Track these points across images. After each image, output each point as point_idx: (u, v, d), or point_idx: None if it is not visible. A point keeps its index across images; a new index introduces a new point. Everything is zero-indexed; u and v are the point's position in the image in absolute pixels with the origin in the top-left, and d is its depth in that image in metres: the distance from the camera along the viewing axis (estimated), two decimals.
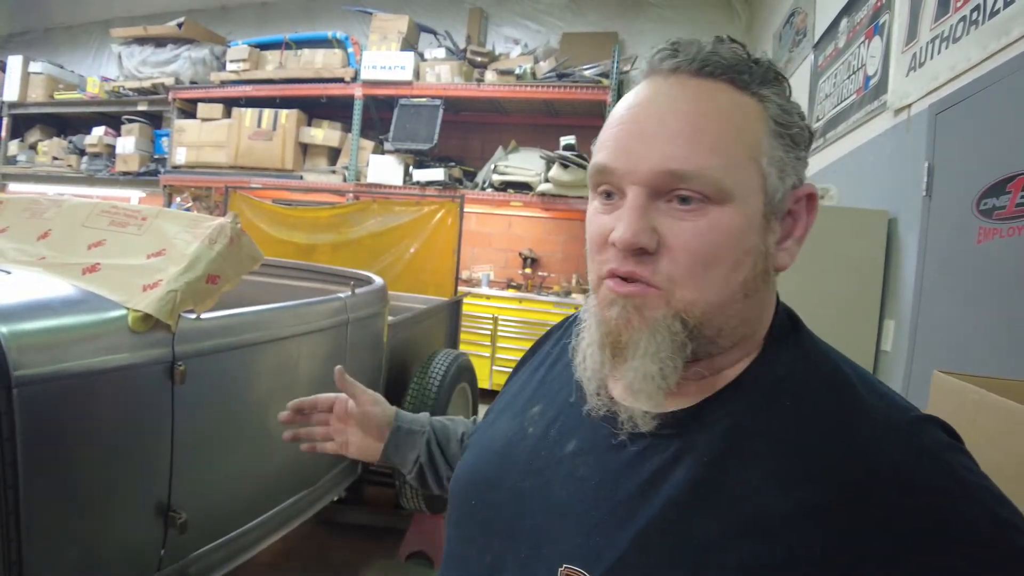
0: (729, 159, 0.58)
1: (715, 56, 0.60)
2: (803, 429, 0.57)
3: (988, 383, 0.92)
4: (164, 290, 1.55)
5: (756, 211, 0.60)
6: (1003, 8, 1.86)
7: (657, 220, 0.59)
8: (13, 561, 1.28)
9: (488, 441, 0.76)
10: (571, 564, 0.59)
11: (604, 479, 0.62)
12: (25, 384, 1.27)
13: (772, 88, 0.61)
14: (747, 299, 0.61)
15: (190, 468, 1.66)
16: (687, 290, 0.59)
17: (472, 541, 0.71)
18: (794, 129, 0.61)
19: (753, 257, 0.60)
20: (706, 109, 0.59)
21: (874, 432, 0.56)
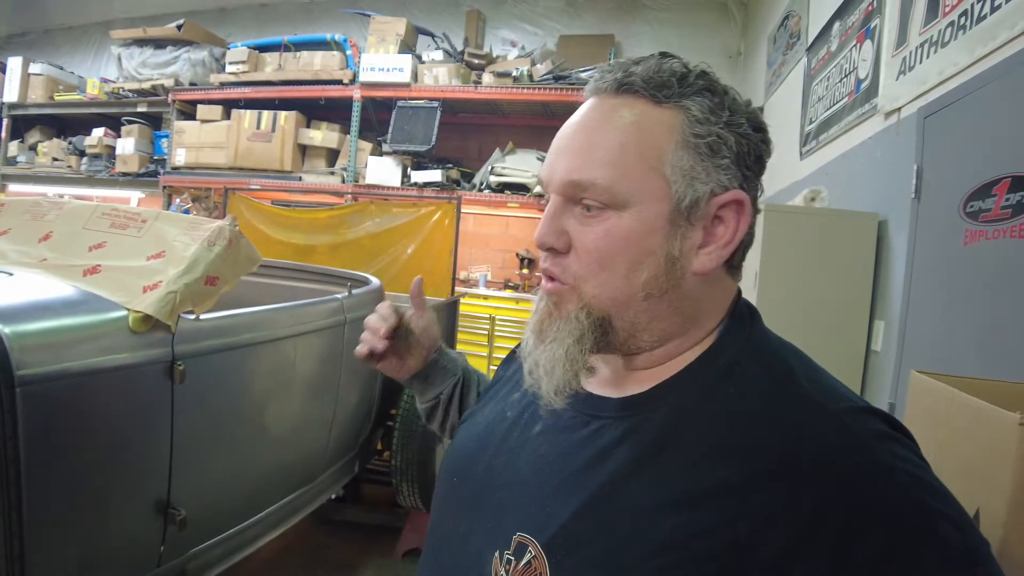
0: (624, 170, 0.64)
1: (631, 76, 0.66)
2: (740, 413, 0.61)
3: (962, 383, 0.95)
4: (164, 291, 1.58)
5: (658, 216, 0.64)
6: (990, 14, 1.88)
7: (569, 224, 0.67)
8: (16, 556, 1.30)
9: (473, 425, 0.83)
10: (523, 532, 0.65)
11: (559, 456, 0.68)
12: (28, 383, 1.30)
13: (696, 99, 0.65)
14: (652, 298, 0.66)
15: (189, 466, 1.69)
16: (589, 286, 0.66)
17: (451, 515, 0.77)
18: (710, 137, 0.64)
19: (656, 259, 0.65)
20: (608, 125, 0.66)
21: (804, 417, 0.59)
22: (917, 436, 0.62)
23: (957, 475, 0.89)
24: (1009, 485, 0.76)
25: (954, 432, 0.92)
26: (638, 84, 0.65)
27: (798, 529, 0.54)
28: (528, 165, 5.70)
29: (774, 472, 0.56)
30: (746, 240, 0.69)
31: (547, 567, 0.62)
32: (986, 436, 0.83)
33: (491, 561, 0.68)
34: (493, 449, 0.76)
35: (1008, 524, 0.76)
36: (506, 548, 0.66)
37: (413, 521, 2.99)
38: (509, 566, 0.65)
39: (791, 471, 0.56)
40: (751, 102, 0.70)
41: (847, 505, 0.54)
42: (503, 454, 0.74)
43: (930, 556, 0.53)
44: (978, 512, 0.81)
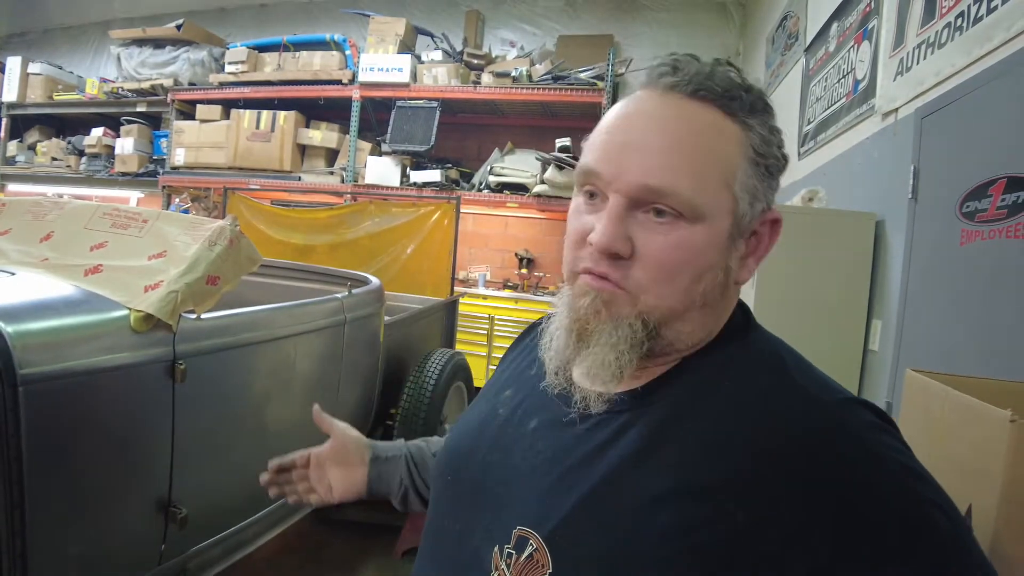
0: (704, 182, 0.63)
1: (709, 81, 0.64)
2: (735, 407, 0.63)
3: (955, 381, 0.96)
4: (165, 291, 1.59)
5: (723, 231, 0.65)
6: (986, 15, 1.90)
7: (633, 229, 0.64)
8: (18, 555, 1.31)
9: (464, 424, 0.84)
10: (523, 526, 0.66)
11: (557, 450, 0.69)
12: (30, 382, 1.30)
13: (758, 118, 0.66)
14: (704, 308, 0.67)
15: (190, 464, 1.70)
16: (651, 296, 0.65)
17: (447, 514, 0.78)
18: (771, 160, 0.66)
19: (714, 272, 0.65)
20: (691, 132, 0.64)
21: (798, 409, 0.61)
22: (912, 433, 0.64)
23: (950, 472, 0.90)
24: (1000, 481, 0.78)
25: (947, 429, 0.93)
26: (716, 93, 0.64)
27: (797, 519, 0.55)
28: (527, 165, 5.71)
29: (772, 463, 0.58)
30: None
31: (549, 559, 0.63)
32: (978, 433, 0.85)
33: (491, 556, 0.68)
34: (487, 446, 0.76)
35: (999, 519, 0.77)
36: (506, 542, 0.67)
37: (413, 520, 3.00)
38: (510, 560, 0.66)
39: (788, 462, 0.57)
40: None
41: (844, 494, 0.55)
42: (498, 451, 0.74)
43: (923, 542, 0.55)
44: (970, 508, 0.82)
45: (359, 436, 1.07)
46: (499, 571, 0.66)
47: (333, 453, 1.05)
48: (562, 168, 5.32)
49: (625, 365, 0.65)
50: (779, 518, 0.56)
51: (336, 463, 1.05)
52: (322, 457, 1.06)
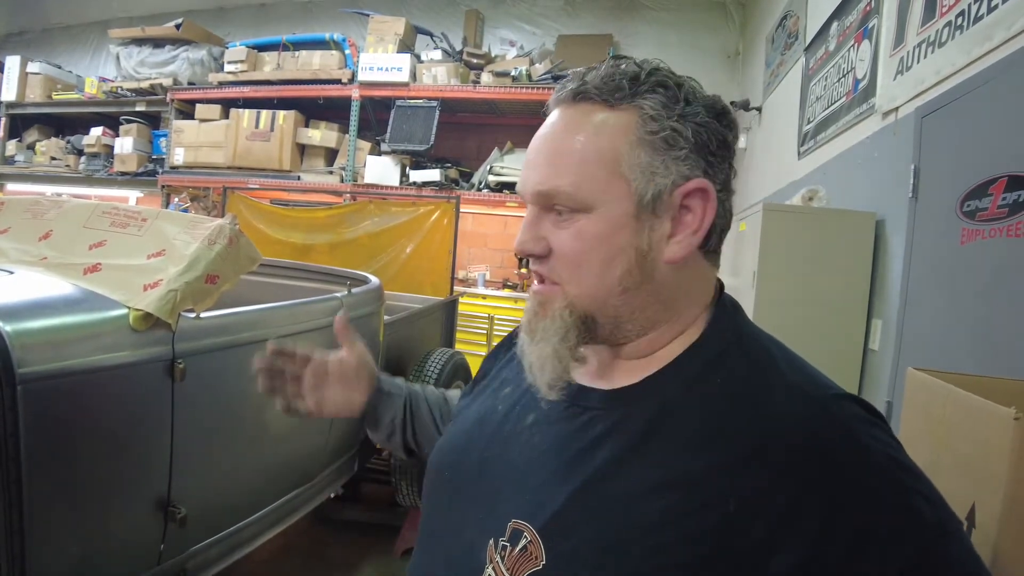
0: (585, 175, 0.67)
1: (585, 85, 0.69)
2: (726, 401, 0.64)
3: (957, 379, 0.96)
4: (164, 290, 1.58)
5: (623, 214, 0.67)
6: (986, 14, 1.89)
7: (546, 230, 0.71)
8: (17, 554, 1.31)
9: (463, 420, 0.86)
10: (518, 518, 0.67)
11: (553, 445, 0.71)
12: (29, 381, 1.30)
13: (649, 97, 0.67)
14: (629, 292, 0.69)
15: (189, 464, 1.69)
16: (572, 286, 0.70)
17: (444, 508, 0.79)
18: (665, 131, 0.67)
19: (625, 253, 0.68)
20: (568, 135, 0.69)
21: (789, 402, 0.63)
22: (913, 432, 0.63)
23: (953, 470, 0.90)
24: (1004, 480, 0.77)
25: (950, 428, 0.93)
26: (592, 91, 0.69)
27: (787, 506, 0.57)
28: None
29: (762, 454, 0.59)
30: (720, 224, 0.71)
31: (543, 551, 0.64)
32: (981, 432, 0.84)
33: (485, 549, 0.69)
34: (485, 442, 0.78)
35: (1003, 518, 0.77)
36: (501, 535, 0.68)
37: (412, 520, 2.99)
38: (505, 552, 0.67)
39: (778, 453, 0.59)
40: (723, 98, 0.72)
41: (831, 484, 0.58)
42: (496, 446, 0.76)
43: (907, 529, 0.57)
44: (974, 507, 0.82)
45: (371, 362, 1.05)
46: (493, 564, 0.68)
47: (339, 367, 1.02)
48: None
49: (563, 354, 0.69)
50: (770, 507, 0.57)
51: (338, 379, 1.02)
52: (325, 367, 1.02)
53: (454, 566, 0.73)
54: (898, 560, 0.56)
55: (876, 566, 0.56)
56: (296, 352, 1.02)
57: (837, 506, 0.57)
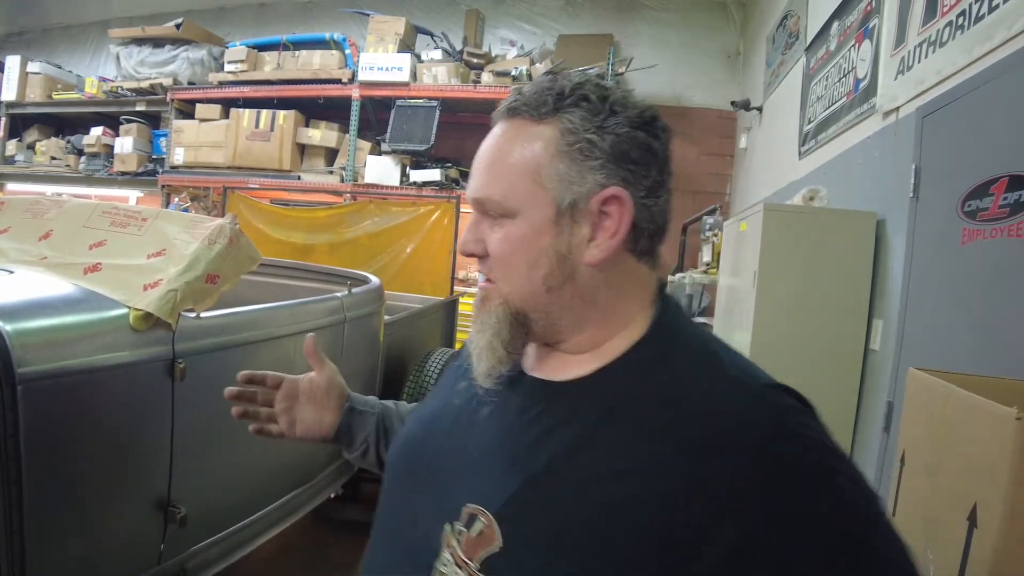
0: (510, 184, 0.74)
1: (516, 101, 0.76)
2: (671, 393, 0.69)
3: (959, 379, 0.96)
4: (164, 289, 1.58)
5: (543, 219, 0.73)
6: (987, 14, 1.89)
7: (484, 232, 0.77)
8: (17, 553, 1.31)
9: (420, 415, 0.91)
10: (473, 503, 0.70)
11: (507, 435, 0.75)
12: (29, 381, 1.30)
13: (571, 111, 0.73)
14: (553, 291, 0.74)
15: (189, 464, 1.69)
16: (504, 283, 0.76)
17: (401, 498, 0.83)
18: (579, 143, 0.72)
19: (547, 255, 0.73)
20: (498, 148, 0.76)
21: (728, 393, 0.68)
22: (915, 432, 0.64)
23: (955, 470, 0.90)
24: (1006, 479, 0.77)
25: (952, 428, 0.93)
26: (522, 107, 0.75)
27: (725, 491, 0.61)
28: None
29: (703, 444, 0.64)
30: (649, 228, 0.75)
31: (498, 535, 0.67)
32: (983, 432, 0.84)
33: (441, 535, 0.72)
34: (442, 434, 0.82)
35: (1006, 517, 0.76)
36: (456, 519, 0.71)
37: None
38: (461, 536, 0.70)
39: (719, 441, 0.63)
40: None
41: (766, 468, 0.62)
42: (452, 437, 0.80)
43: (832, 509, 0.61)
44: (975, 507, 0.82)
45: (342, 382, 1.08)
46: (450, 548, 0.71)
47: (310, 388, 1.05)
48: None
49: (496, 346, 0.75)
50: (710, 492, 0.61)
51: (309, 399, 1.05)
52: (296, 388, 1.05)
53: (411, 555, 0.76)
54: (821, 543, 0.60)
55: (801, 546, 0.60)
56: (267, 377, 1.06)
57: (767, 486, 0.61)
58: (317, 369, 1.06)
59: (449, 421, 0.83)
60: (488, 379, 0.77)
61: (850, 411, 2.58)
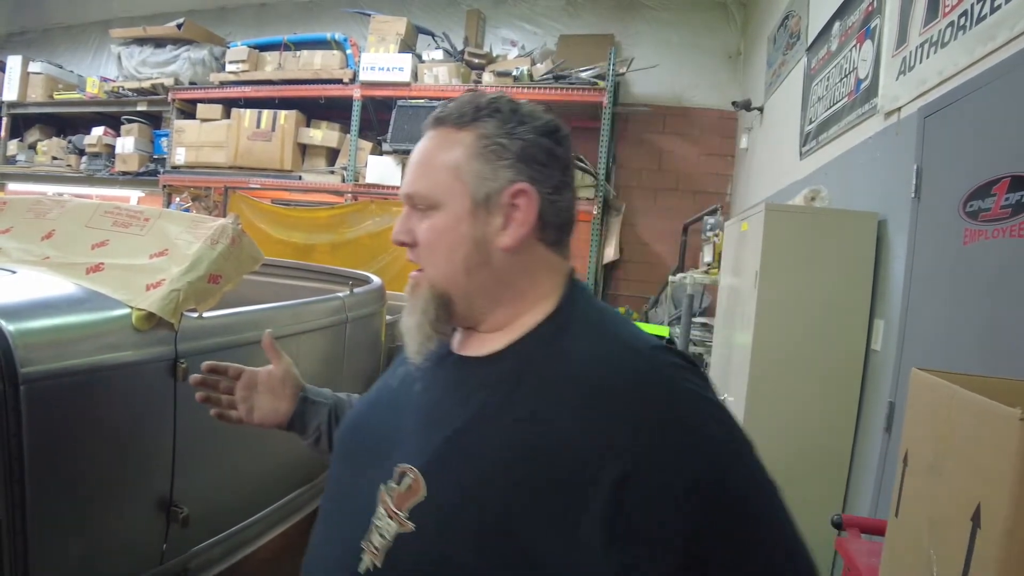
0: (435, 180, 0.86)
1: (442, 113, 0.89)
2: (573, 357, 0.80)
3: (962, 380, 0.96)
4: (167, 289, 1.58)
5: (462, 210, 0.85)
6: (989, 14, 1.89)
7: (413, 224, 0.88)
8: (20, 553, 1.31)
9: (364, 400, 1.03)
10: (403, 463, 0.81)
11: (434, 404, 0.87)
12: (32, 381, 1.30)
13: (486, 120, 0.86)
14: (471, 273, 0.86)
15: (191, 464, 1.69)
16: (430, 268, 0.88)
17: (346, 473, 0.93)
18: (492, 146, 0.85)
19: (465, 241, 0.85)
20: (427, 151, 0.88)
21: (619, 354, 0.79)
22: (918, 433, 0.64)
23: (958, 471, 0.90)
24: (1010, 480, 0.77)
25: (955, 429, 0.93)
26: (446, 117, 0.88)
27: (616, 432, 0.72)
28: None
29: (599, 395, 0.74)
30: (556, 221, 0.87)
31: (423, 486, 0.77)
32: (987, 432, 0.84)
33: (378, 495, 0.82)
34: (382, 412, 0.94)
35: (1010, 519, 0.77)
36: (390, 478, 0.81)
37: None
38: (393, 492, 0.80)
39: (612, 392, 0.74)
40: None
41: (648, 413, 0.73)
42: (391, 414, 0.92)
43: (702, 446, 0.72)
44: (979, 507, 0.82)
45: (297, 376, 1.21)
46: (384, 504, 0.80)
47: (268, 379, 1.20)
48: None
49: (423, 325, 0.87)
50: (604, 434, 0.72)
51: (267, 389, 1.20)
52: (255, 379, 1.20)
53: (355, 517, 0.84)
54: (691, 474, 0.70)
55: (676, 476, 0.69)
56: (229, 368, 1.21)
57: (651, 430, 0.71)
58: (274, 362, 1.19)
59: (387, 401, 0.95)
60: (418, 355, 0.89)
61: (851, 411, 2.58)
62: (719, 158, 6.17)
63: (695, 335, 4.23)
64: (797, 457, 2.59)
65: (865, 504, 2.42)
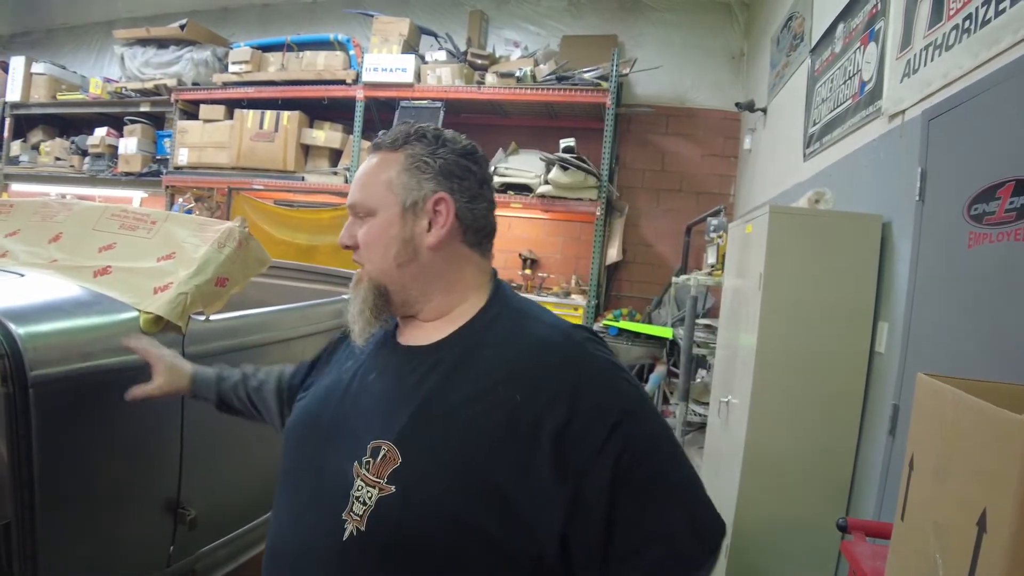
0: (371, 192, 1.05)
1: (381, 139, 1.09)
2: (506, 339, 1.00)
3: (968, 385, 0.96)
4: (174, 292, 1.59)
5: (393, 215, 1.03)
6: (994, 18, 1.90)
7: (356, 229, 1.06)
8: (29, 556, 1.32)
9: (313, 395, 1.14)
10: (376, 438, 0.95)
11: (393, 388, 1.01)
12: (41, 384, 1.31)
13: (413, 144, 1.06)
14: (403, 267, 1.03)
15: (198, 466, 1.70)
16: (369, 264, 1.05)
17: (305, 460, 1.05)
18: (417, 163, 1.04)
19: (397, 241, 1.03)
20: (368, 169, 1.07)
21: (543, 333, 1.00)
22: (924, 437, 0.65)
23: (964, 476, 0.90)
24: (1016, 486, 0.77)
25: (961, 434, 0.93)
26: (384, 144, 1.08)
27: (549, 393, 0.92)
28: (531, 166, 5.70)
29: (531, 367, 0.95)
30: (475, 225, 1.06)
31: (399, 455, 0.92)
32: (992, 438, 0.85)
33: (351, 470, 0.95)
34: (336, 401, 1.06)
35: (1016, 524, 0.77)
36: (364, 455, 0.95)
37: None
38: (369, 464, 0.94)
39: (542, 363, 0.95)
40: (473, 145, 1.11)
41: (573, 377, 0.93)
42: (346, 403, 1.05)
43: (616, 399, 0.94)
44: (985, 512, 0.82)
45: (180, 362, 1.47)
46: (361, 476, 0.94)
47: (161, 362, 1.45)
48: (566, 169, 5.32)
49: (364, 311, 1.04)
50: (539, 396, 0.92)
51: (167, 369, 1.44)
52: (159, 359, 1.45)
53: (326, 492, 0.97)
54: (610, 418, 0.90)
55: (600, 421, 0.90)
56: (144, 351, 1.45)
57: (576, 390, 0.91)
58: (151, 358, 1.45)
59: (341, 391, 1.07)
60: (361, 338, 1.06)
61: (855, 414, 2.58)
62: (722, 159, 6.17)
63: (699, 336, 4.23)
64: (801, 459, 2.59)
65: (869, 507, 2.43)
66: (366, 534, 0.92)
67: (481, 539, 0.89)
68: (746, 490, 2.63)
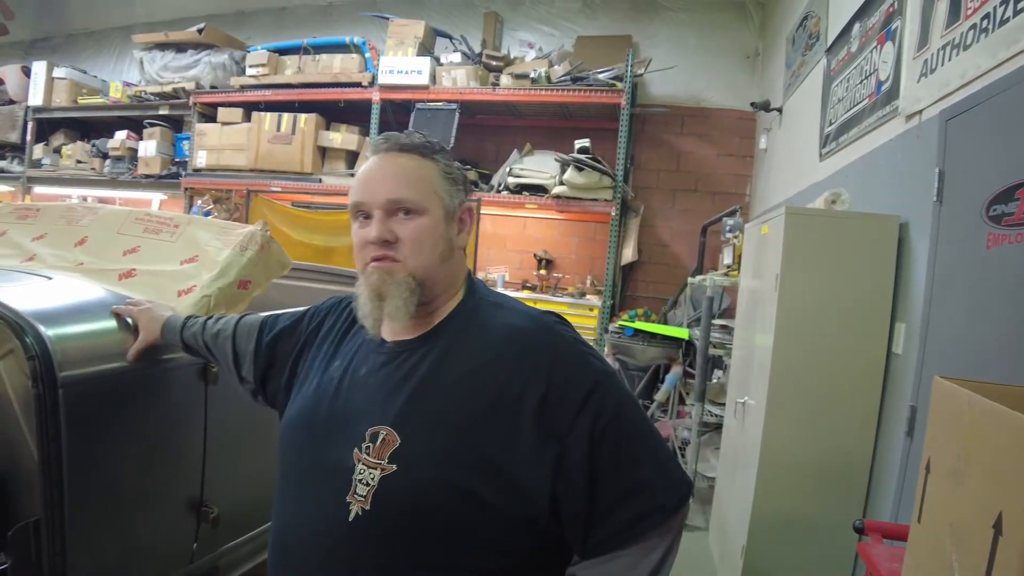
0: (421, 191, 1.10)
1: (407, 142, 1.13)
2: (488, 327, 1.11)
3: (985, 388, 0.96)
4: (198, 295, 1.62)
5: (440, 217, 1.12)
6: (1012, 17, 1.88)
7: (393, 225, 1.09)
8: (58, 552, 1.35)
9: (302, 397, 1.20)
10: (374, 425, 1.04)
11: (385, 379, 1.10)
12: (70, 385, 1.34)
13: (439, 155, 1.14)
14: (444, 263, 1.13)
15: (221, 465, 1.73)
16: (412, 260, 1.09)
17: (305, 453, 1.11)
18: (453, 174, 1.15)
19: (442, 240, 1.12)
20: (405, 167, 1.11)
21: (520, 320, 1.11)
22: (941, 440, 0.68)
23: (980, 479, 0.90)
24: None
25: (977, 437, 0.93)
26: (411, 148, 1.12)
27: (528, 370, 1.03)
28: (546, 166, 5.71)
29: (515, 348, 1.06)
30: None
31: (397, 437, 1.02)
32: (1009, 442, 0.85)
33: (351, 457, 1.03)
34: (329, 399, 1.13)
35: None
36: (363, 442, 1.03)
37: None
38: (369, 449, 1.02)
39: (522, 345, 1.06)
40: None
41: (548, 355, 1.05)
42: (340, 398, 1.12)
43: (587, 372, 1.05)
44: (1001, 515, 0.83)
45: (155, 315, 1.53)
46: (362, 460, 1.02)
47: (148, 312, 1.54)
48: (581, 169, 5.32)
49: (410, 306, 1.08)
50: (520, 373, 1.03)
51: (148, 320, 1.52)
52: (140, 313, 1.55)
53: (326, 484, 1.04)
54: (583, 388, 1.02)
55: (575, 391, 1.02)
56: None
57: (551, 367, 1.03)
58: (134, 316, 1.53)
59: (332, 389, 1.14)
60: (373, 329, 1.12)
61: (872, 415, 2.57)
62: (738, 159, 6.15)
63: (715, 337, 4.22)
64: (818, 460, 2.59)
65: (886, 508, 2.42)
66: (371, 512, 1.00)
67: (479, 505, 0.99)
68: (762, 491, 2.63)
